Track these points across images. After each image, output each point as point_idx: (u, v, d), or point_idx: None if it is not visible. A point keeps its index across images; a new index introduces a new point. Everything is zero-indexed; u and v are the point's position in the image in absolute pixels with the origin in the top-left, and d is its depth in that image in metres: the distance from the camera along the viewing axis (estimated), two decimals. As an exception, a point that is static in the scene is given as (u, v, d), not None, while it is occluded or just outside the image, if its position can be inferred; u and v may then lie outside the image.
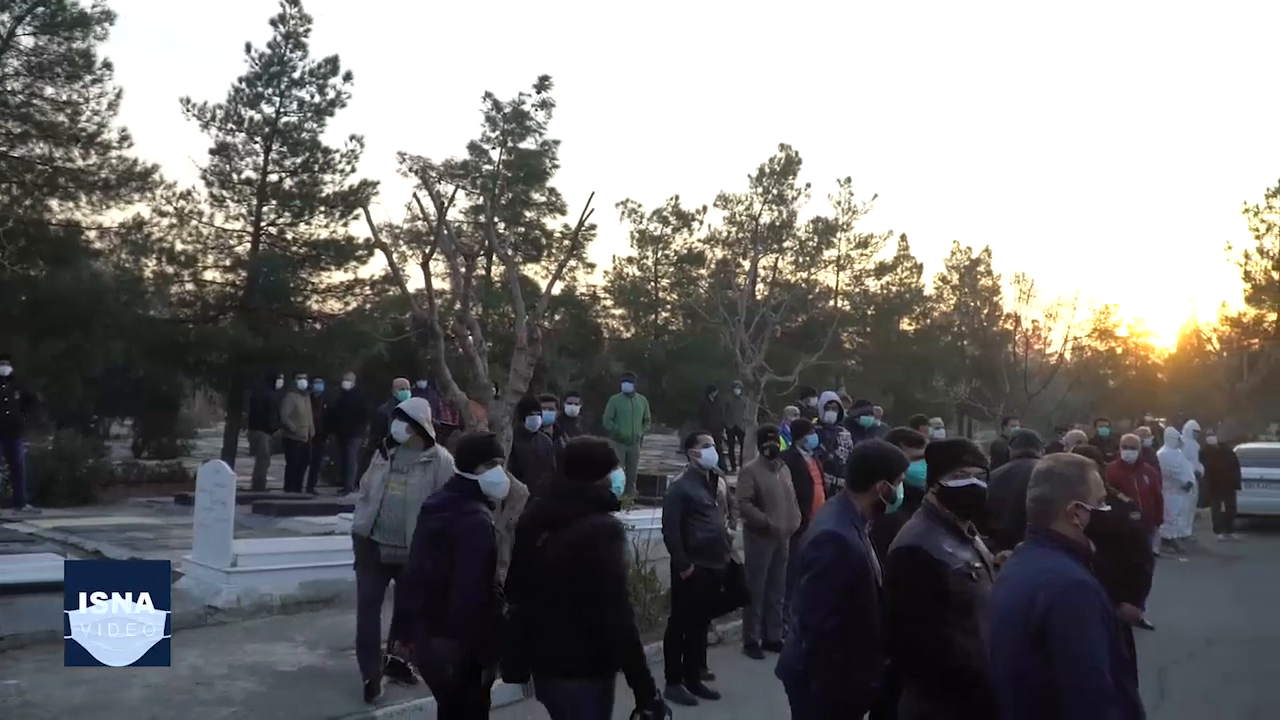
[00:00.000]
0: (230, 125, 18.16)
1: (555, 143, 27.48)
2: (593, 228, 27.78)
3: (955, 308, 38.44)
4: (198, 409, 29.23)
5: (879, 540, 3.91)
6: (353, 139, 18.79)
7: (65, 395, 17.58)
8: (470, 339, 8.75)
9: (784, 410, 12.77)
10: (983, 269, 38.66)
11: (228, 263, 18.41)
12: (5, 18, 15.52)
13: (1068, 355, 36.65)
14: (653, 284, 33.57)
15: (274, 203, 18.48)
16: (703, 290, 30.97)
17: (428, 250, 10.26)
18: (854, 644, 3.68)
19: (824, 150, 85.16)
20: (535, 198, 27.49)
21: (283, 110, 18.36)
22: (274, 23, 18.37)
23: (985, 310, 37.11)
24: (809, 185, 34.31)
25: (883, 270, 36.15)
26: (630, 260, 33.52)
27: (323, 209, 18.64)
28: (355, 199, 18.32)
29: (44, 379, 15.37)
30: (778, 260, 32.89)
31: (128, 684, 6.14)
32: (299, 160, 18.51)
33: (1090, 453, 6.35)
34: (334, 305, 19.34)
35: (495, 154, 27.28)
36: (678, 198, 33.67)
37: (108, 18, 16.08)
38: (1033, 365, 35.23)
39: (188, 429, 22.25)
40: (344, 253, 18.71)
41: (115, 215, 16.81)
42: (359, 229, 18.69)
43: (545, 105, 27.06)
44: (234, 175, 18.26)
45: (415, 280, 29.18)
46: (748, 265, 27.24)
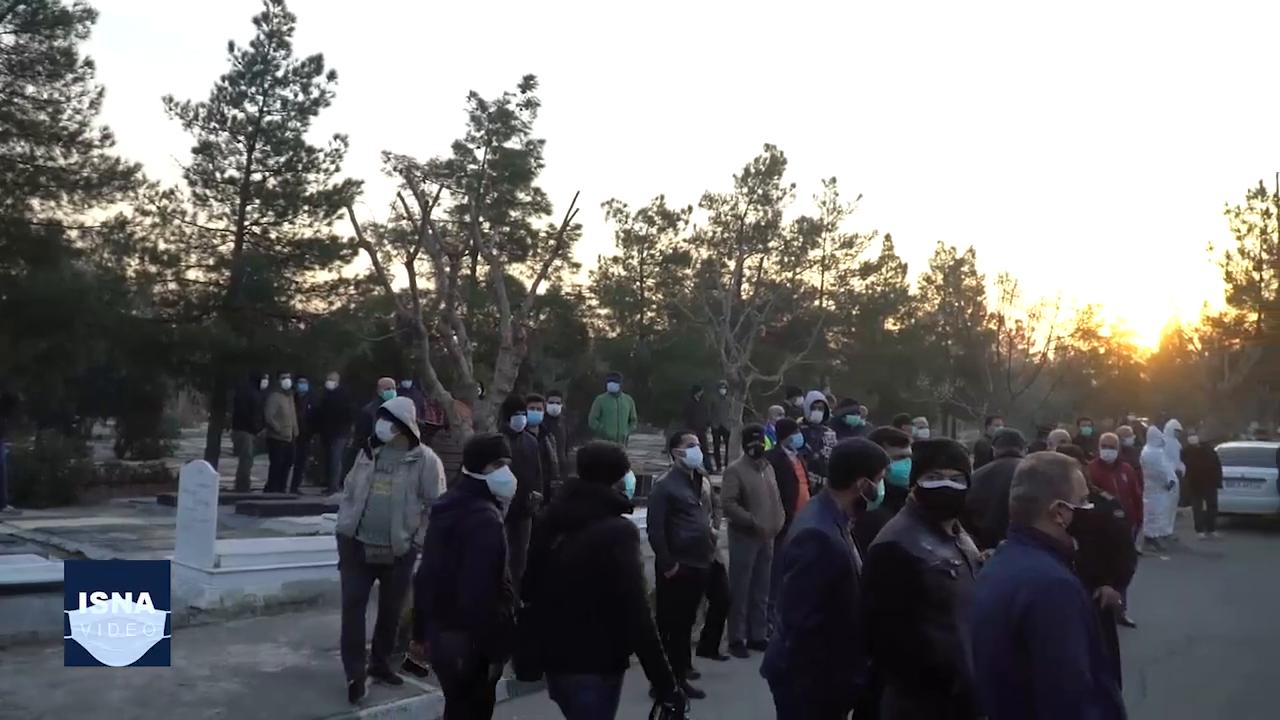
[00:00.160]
0: (213, 124, 18.11)
1: (540, 142, 27.55)
2: (578, 227, 27.85)
3: (939, 308, 38.63)
4: (181, 409, 29.09)
5: (861, 538, 3.92)
6: (337, 138, 18.78)
7: (47, 395, 17.46)
8: (455, 339, 8.75)
9: (769, 410, 12.79)
10: (967, 269, 38.90)
11: (211, 262, 18.34)
12: (-14, 15, 15.42)
13: (1051, 355, 36.90)
14: (638, 284, 33.61)
15: (257, 202, 18.42)
16: (688, 290, 31.06)
17: (412, 250, 10.25)
18: (837, 641, 3.70)
19: (809, 150, 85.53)
20: (520, 197, 27.50)
21: (266, 109, 18.31)
22: (257, 21, 18.33)
23: (969, 310, 37.30)
24: (794, 185, 34.56)
25: (867, 270, 36.30)
26: (615, 260, 33.60)
27: (307, 208, 18.56)
28: (339, 198, 18.27)
29: (25, 379, 15.24)
30: (763, 260, 32.97)
31: (110, 685, 6.09)
32: (283, 159, 18.45)
33: (1073, 452, 6.40)
34: (318, 305, 19.30)
35: (480, 153, 27.28)
36: (663, 198, 33.84)
37: (89, 16, 15.98)
38: (1016, 365, 35.42)
39: (171, 429, 22.14)
40: (328, 252, 18.65)
41: (97, 214, 16.72)
42: (343, 228, 18.69)
43: (530, 105, 27.10)
44: (217, 174, 18.19)
45: (400, 280, 28.99)
46: (733, 265, 27.33)
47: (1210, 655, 8.71)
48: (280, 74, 18.36)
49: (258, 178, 18.35)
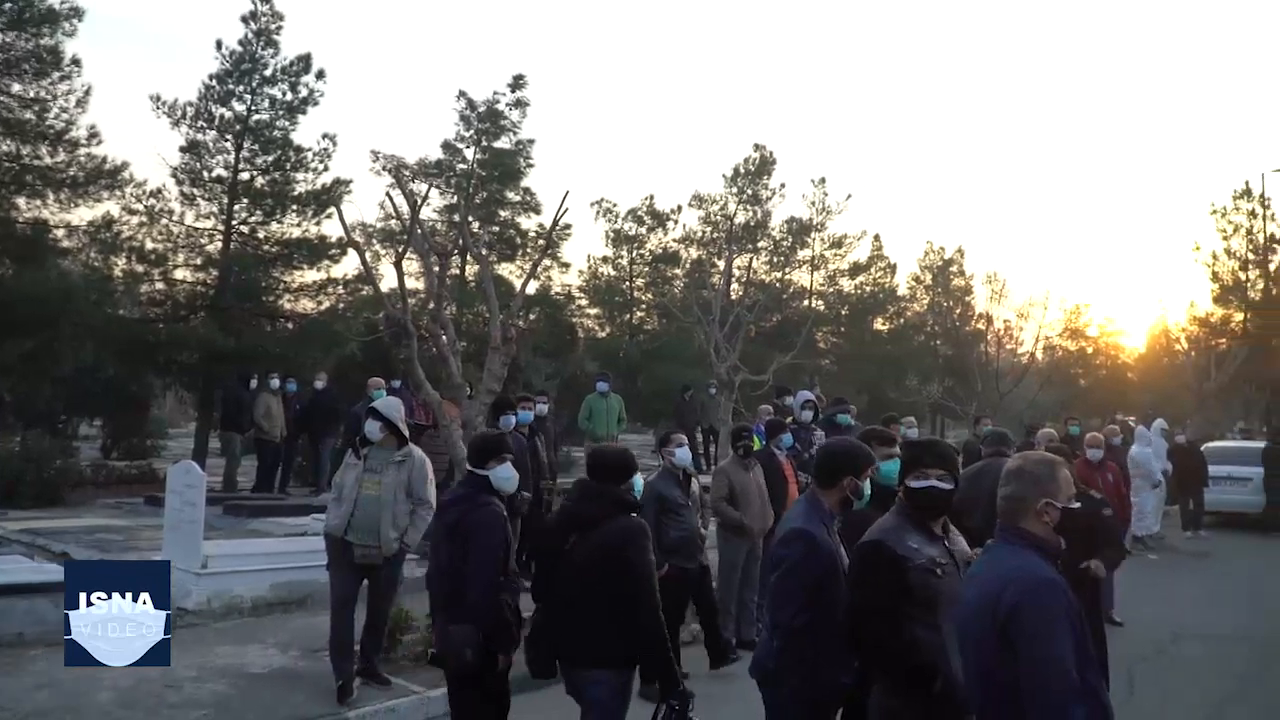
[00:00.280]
0: (201, 123, 18.06)
1: (530, 142, 27.45)
2: (567, 227, 27.76)
3: (928, 308, 38.76)
4: (168, 409, 28.99)
5: (850, 538, 3.92)
6: (325, 137, 18.78)
7: (33, 395, 17.39)
8: (444, 338, 8.72)
9: (758, 410, 12.80)
10: (955, 269, 39.04)
11: (198, 261, 18.27)
12: (-29, 14, 15.33)
13: (1039, 355, 37.08)
14: (628, 283, 33.58)
15: (245, 201, 18.36)
16: (678, 290, 31.04)
17: (401, 249, 10.22)
18: (824, 641, 3.70)
19: (798, 151, 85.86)
20: (510, 197, 27.41)
21: (254, 108, 18.26)
22: (245, 20, 18.31)
23: (958, 310, 37.45)
24: (783, 185, 34.54)
25: (856, 270, 36.34)
26: (605, 260, 33.54)
27: (295, 207, 18.52)
28: (328, 198, 18.21)
29: (11, 379, 15.20)
30: (752, 260, 32.97)
31: (97, 687, 6.07)
32: (271, 158, 18.41)
33: (1061, 451, 6.42)
34: (306, 304, 19.24)
35: (469, 153, 27.19)
36: (653, 197, 33.77)
37: (76, 14, 15.95)
38: (1004, 364, 35.54)
39: (158, 429, 22.06)
40: (316, 252, 18.60)
41: (84, 213, 16.68)
42: (331, 228, 18.63)
43: (520, 104, 27.01)
44: (205, 173, 18.14)
45: (388, 280, 29.09)
46: (722, 265, 27.35)
47: (1197, 654, 8.74)
48: (268, 73, 18.33)
49: (245, 177, 18.30)
